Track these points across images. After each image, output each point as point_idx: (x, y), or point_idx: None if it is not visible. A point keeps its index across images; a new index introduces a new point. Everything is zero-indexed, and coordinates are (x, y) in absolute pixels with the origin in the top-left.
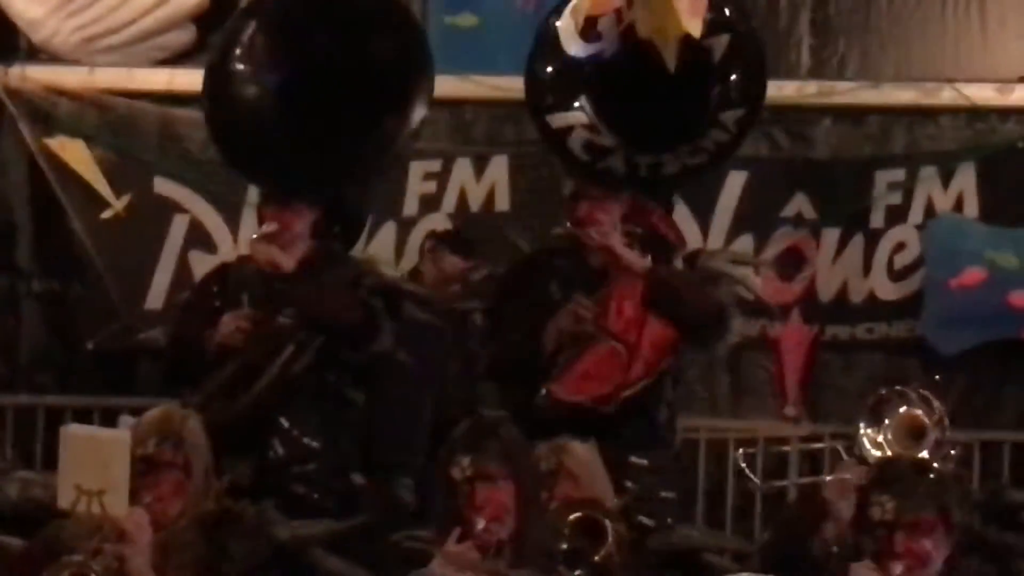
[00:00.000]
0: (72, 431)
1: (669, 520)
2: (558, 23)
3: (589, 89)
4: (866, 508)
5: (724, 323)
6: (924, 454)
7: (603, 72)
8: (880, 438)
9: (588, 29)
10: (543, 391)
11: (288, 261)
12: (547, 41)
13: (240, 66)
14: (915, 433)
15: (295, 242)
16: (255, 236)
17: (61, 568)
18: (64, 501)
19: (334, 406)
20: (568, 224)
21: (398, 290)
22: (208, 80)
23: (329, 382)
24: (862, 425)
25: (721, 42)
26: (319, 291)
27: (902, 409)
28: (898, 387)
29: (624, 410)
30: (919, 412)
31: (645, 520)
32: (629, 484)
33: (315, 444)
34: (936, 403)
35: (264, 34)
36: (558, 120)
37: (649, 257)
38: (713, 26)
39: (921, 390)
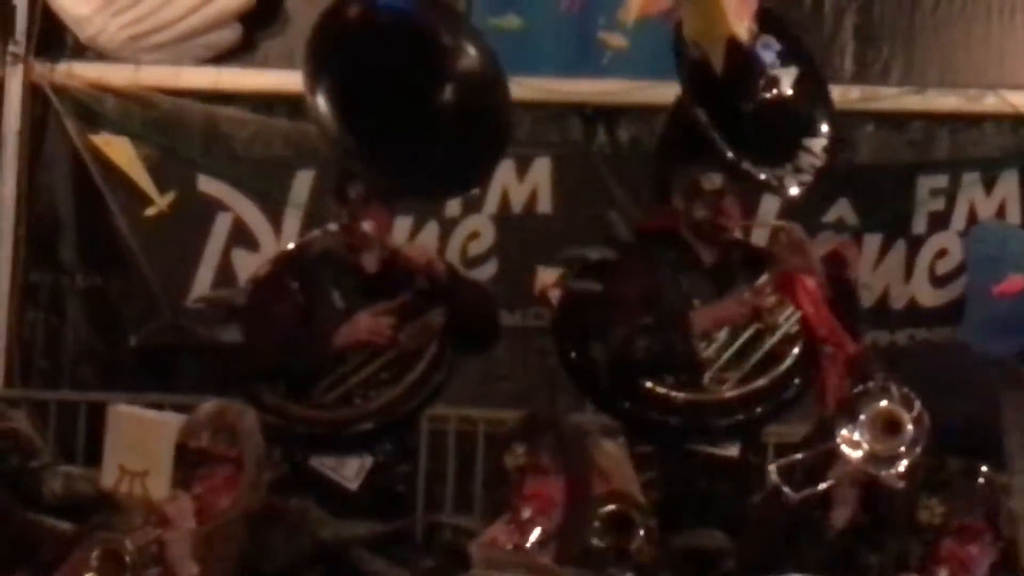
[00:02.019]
0: (120, 411)
1: None
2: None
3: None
4: (914, 511)
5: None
6: (901, 449)
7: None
8: (856, 436)
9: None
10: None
11: (442, 264)
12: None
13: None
14: (891, 428)
15: (381, 242)
16: (361, 231)
17: (94, 543)
18: (108, 480)
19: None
20: (707, 213)
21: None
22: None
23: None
24: (837, 426)
25: (789, 73)
26: (478, 295)
27: (879, 404)
28: (880, 381)
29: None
30: (895, 406)
31: None
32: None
33: (412, 443)
34: (915, 398)
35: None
36: (702, 116)
37: None
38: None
39: (902, 388)
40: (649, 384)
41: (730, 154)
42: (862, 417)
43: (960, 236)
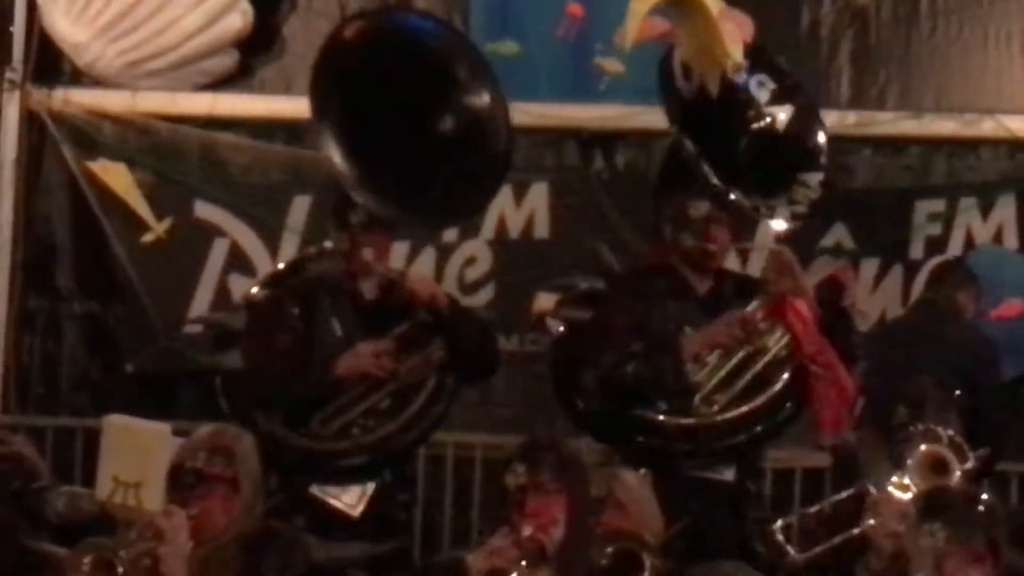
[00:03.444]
0: (114, 421)
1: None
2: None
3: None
4: (916, 537)
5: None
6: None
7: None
8: (905, 479)
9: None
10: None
11: (444, 295)
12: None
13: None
14: (939, 469)
15: (380, 268)
16: (362, 259)
17: (86, 550)
18: (102, 491)
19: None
20: (695, 241)
21: None
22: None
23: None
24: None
25: (784, 112)
26: (477, 328)
27: (922, 448)
28: (925, 419)
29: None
30: (941, 448)
31: (760, 547)
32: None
33: (411, 471)
34: (961, 439)
35: None
36: (690, 146)
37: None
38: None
39: (947, 431)
40: (640, 410)
41: (717, 182)
42: (910, 461)
43: None
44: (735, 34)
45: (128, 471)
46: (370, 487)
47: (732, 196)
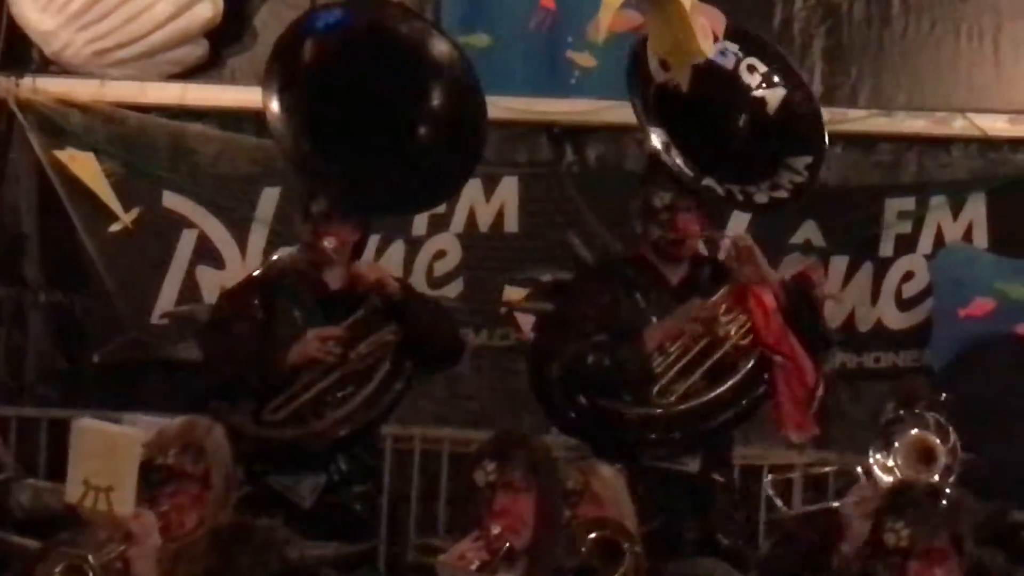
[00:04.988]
0: (85, 424)
1: (740, 542)
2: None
3: (663, 118)
4: (880, 534)
5: (832, 347)
6: (935, 478)
7: (672, 103)
8: (890, 462)
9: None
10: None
11: (394, 281)
12: (637, 56)
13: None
14: (925, 457)
15: (344, 258)
16: (323, 247)
17: (57, 559)
18: (72, 495)
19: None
20: (662, 231)
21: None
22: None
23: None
24: (872, 450)
25: (775, 93)
26: (431, 312)
27: (913, 432)
28: (915, 409)
29: (721, 425)
30: (930, 435)
31: (723, 539)
32: (715, 504)
33: (372, 463)
34: (950, 428)
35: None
36: (659, 135)
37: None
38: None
39: (937, 417)
40: (603, 401)
41: (686, 170)
42: (897, 444)
43: (927, 259)
44: (707, 29)
45: (99, 475)
46: (322, 478)
47: (704, 183)
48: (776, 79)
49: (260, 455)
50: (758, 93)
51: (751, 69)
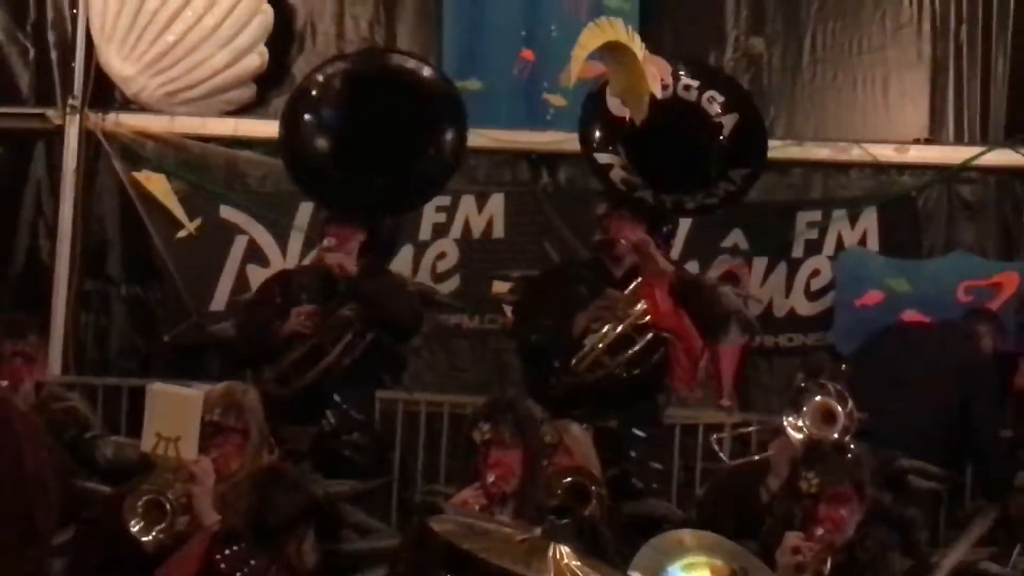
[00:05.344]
0: (157, 388)
1: (655, 486)
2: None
3: (624, 142)
4: (795, 482)
5: (728, 328)
6: (835, 436)
7: (636, 131)
8: (800, 423)
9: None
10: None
11: (353, 266)
12: (597, 97)
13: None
14: (828, 418)
15: (349, 255)
16: (322, 247)
17: (140, 493)
18: (147, 445)
19: (373, 387)
20: (600, 235)
21: (431, 296)
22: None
23: (371, 367)
24: (785, 413)
25: (731, 119)
26: (383, 290)
27: (817, 398)
28: (819, 380)
29: (634, 390)
30: (831, 401)
31: (638, 483)
32: (632, 453)
33: (360, 417)
34: (847, 395)
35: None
36: (603, 158)
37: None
38: (724, 108)
39: (836, 386)
40: (546, 373)
41: (622, 187)
42: (805, 408)
43: (830, 260)
44: (655, 74)
45: (168, 428)
46: (311, 430)
47: (636, 195)
48: (731, 107)
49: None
50: (717, 119)
51: (711, 100)
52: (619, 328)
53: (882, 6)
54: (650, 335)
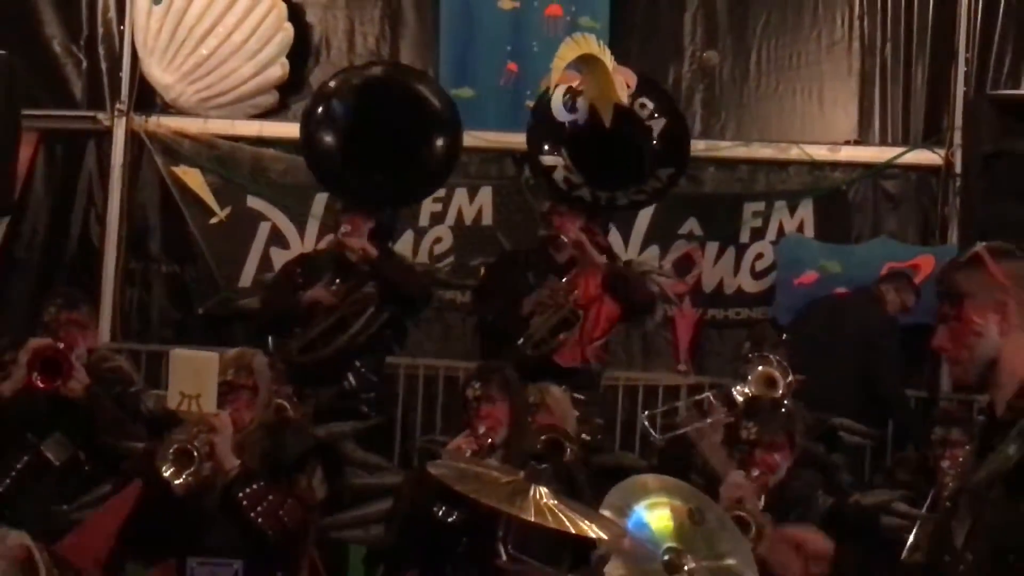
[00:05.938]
0: (179, 352)
1: (599, 437)
2: (551, 97)
3: (566, 144)
4: (737, 431)
5: (653, 307)
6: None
7: (576, 134)
8: (745, 389)
9: (571, 102)
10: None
11: (374, 250)
12: (543, 107)
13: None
14: (770, 384)
15: (362, 239)
16: (342, 232)
17: (170, 443)
18: (172, 403)
19: (384, 353)
20: (544, 229)
21: (431, 275)
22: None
23: (384, 336)
24: (732, 379)
25: (659, 124)
26: (400, 270)
27: (760, 367)
28: (763, 349)
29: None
30: (772, 369)
31: (585, 436)
32: (576, 413)
33: (374, 378)
34: (786, 364)
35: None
36: (547, 160)
37: (604, 256)
38: (653, 113)
39: (776, 356)
40: (498, 346)
41: (562, 186)
42: (750, 377)
43: (772, 244)
44: (623, 83)
45: (190, 387)
46: (335, 389)
47: (575, 193)
48: (659, 113)
49: (296, 375)
50: (648, 123)
51: (643, 106)
52: (558, 315)
53: (818, 26)
54: (580, 316)
